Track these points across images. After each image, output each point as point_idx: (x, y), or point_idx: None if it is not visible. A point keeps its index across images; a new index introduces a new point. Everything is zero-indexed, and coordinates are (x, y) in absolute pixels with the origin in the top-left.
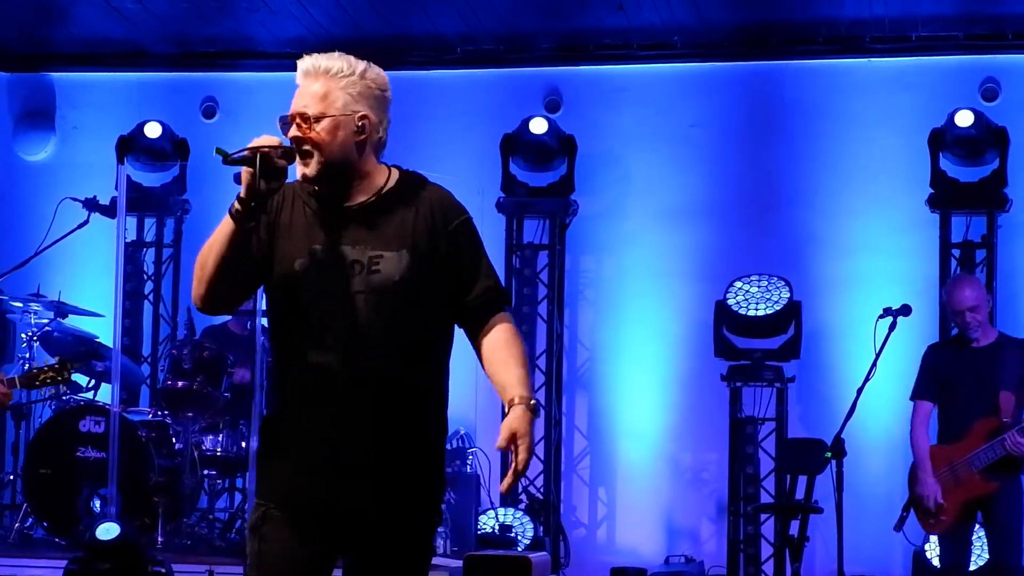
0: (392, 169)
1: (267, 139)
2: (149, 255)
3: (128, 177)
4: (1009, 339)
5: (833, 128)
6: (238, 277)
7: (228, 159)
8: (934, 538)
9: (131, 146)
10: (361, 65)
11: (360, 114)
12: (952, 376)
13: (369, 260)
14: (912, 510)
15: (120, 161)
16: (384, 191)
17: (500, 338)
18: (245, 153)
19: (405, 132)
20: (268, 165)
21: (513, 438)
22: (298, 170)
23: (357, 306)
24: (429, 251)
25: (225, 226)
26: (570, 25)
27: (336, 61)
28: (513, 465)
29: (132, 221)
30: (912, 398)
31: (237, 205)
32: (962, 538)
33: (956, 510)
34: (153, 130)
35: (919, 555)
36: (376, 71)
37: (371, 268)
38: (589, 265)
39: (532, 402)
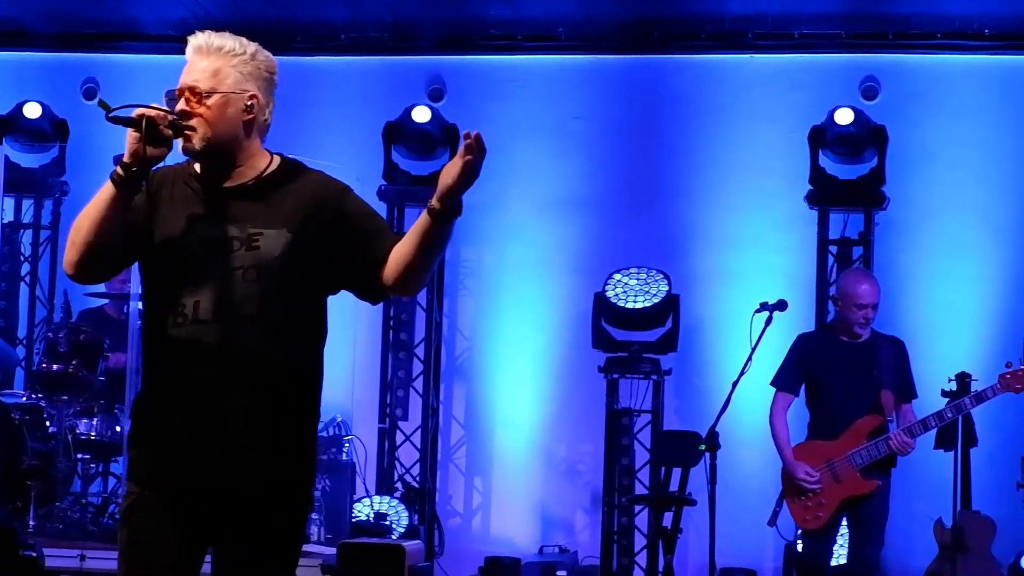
0: (274, 155)
1: (156, 107)
2: (26, 236)
3: (6, 157)
4: (882, 335)
5: (715, 123)
6: (112, 245)
7: (111, 113)
8: None
9: (10, 126)
10: (252, 46)
11: (249, 94)
12: (826, 370)
13: (249, 237)
14: (786, 504)
15: None
16: (266, 174)
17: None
18: (132, 115)
19: (288, 118)
20: (154, 132)
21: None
22: (182, 144)
23: (235, 282)
24: (310, 231)
25: (105, 191)
26: (456, 15)
27: (228, 40)
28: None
29: (10, 202)
30: (774, 385)
31: (119, 170)
32: (830, 533)
33: (833, 507)
34: (32, 110)
35: (790, 548)
36: (266, 54)
37: (251, 244)
38: (470, 255)
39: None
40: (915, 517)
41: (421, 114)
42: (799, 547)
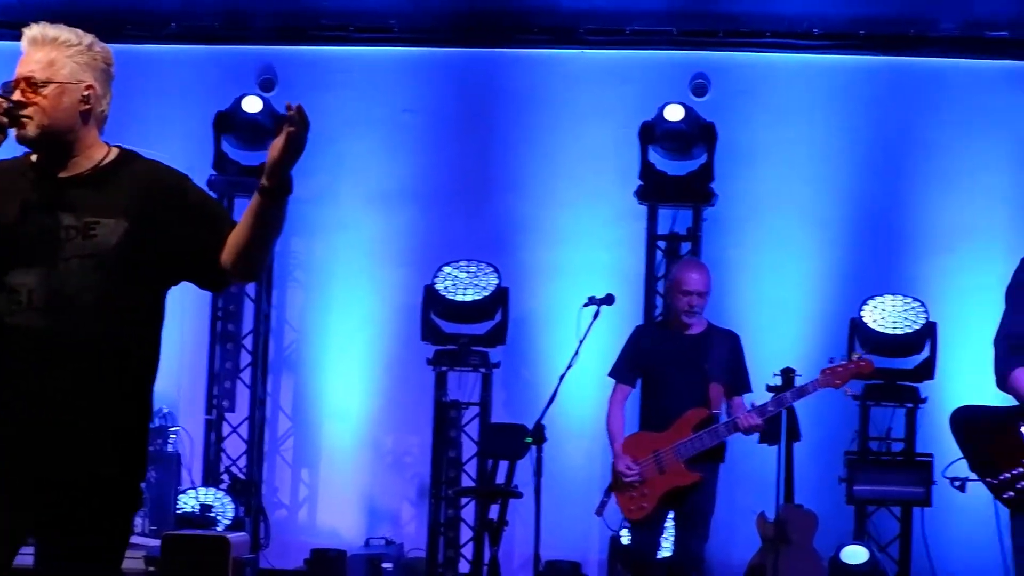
0: (112, 147)
1: None
2: None
3: None
4: (717, 329)
5: (546, 118)
6: None
7: None
8: None
9: None
10: (88, 38)
11: (86, 84)
12: (660, 362)
13: (85, 225)
14: (613, 495)
15: None
16: (103, 164)
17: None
18: None
19: (118, 106)
20: None
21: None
22: (17, 133)
23: (71, 270)
24: (148, 220)
25: None
26: (288, 5)
27: (64, 31)
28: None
29: None
30: (611, 376)
31: None
32: (656, 525)
33: (657, 498)
34: None
35: (615, 540)
36: (103, 45)
37: (87, 233)
38: (299, 247)
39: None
40: (738, 510)
41: (252, 104)
42: (624, 539)
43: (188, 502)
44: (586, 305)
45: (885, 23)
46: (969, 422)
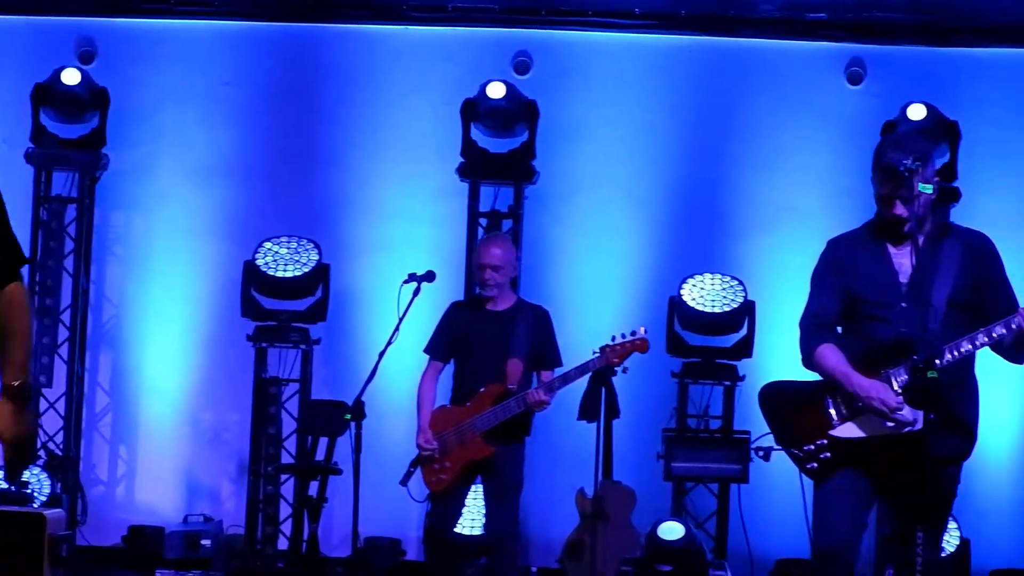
0: None
1: None
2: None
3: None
4: (526, 305)
5: (369, 94)
6: None
7: None
8: None
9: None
10: None
11: None
12: (467, 337)
13: None
14: (419, 467)
15: None
16: None
17: (15, 302)
18: None
19: None
20: None
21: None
22: None
23: None
24: None
25: None
26: None
27: None
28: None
29: None
30: (426, 352)
31: None
32: (456, 497)
33: (457, 470)
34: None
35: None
36: None
37: None
38: (119, 221)
39: (18, 384)
40: (557, 487)
41: (70, 76)
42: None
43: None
44: (406, 282)
45: (706, 4)
46: (776, 397)
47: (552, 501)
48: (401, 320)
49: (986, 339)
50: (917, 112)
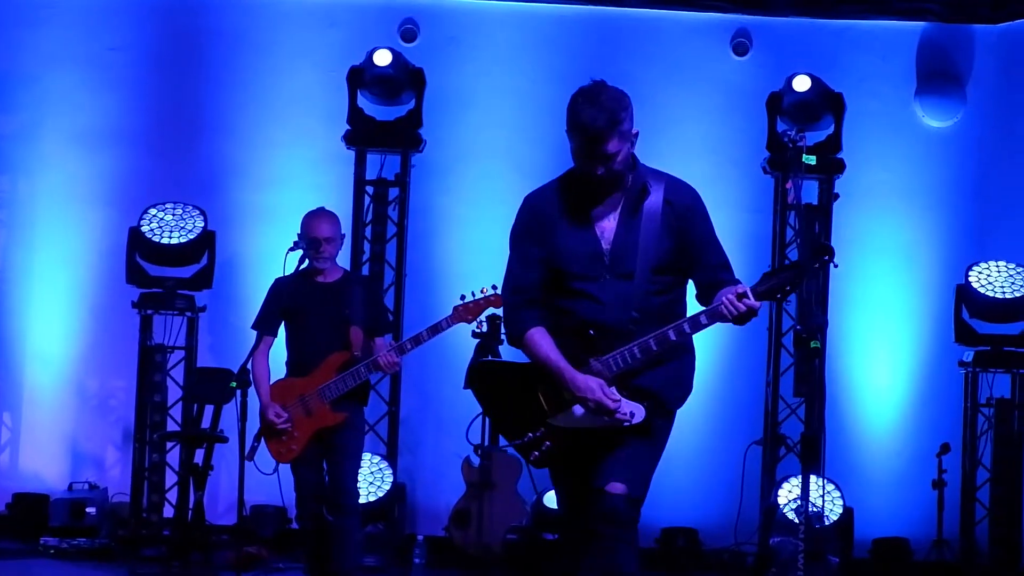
0: None
1: None
2: None
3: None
4: (355, 276)
5: (255, 60)
6: None
7: None
8: None
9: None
10: None
11: None
12: (299, 310)
13: None
14: (264, 440)
15: None
16: None
17: None
18: None
19: None
20: None
21: None
22: None
23: None
24: None
25: None
26: None
27: None
28: None
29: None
30: (254, 328)
31: None
32: (315, 465)
33: (305, 439)
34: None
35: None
36: None
37: None
38: (3, 185)
39: None
40: (444, 455)
41: None
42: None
43: None
44: (292, 249)
45: None
46: (490, 380)
47: (439, 469)
48: None
49: (690, 328)
50: (802, 83)
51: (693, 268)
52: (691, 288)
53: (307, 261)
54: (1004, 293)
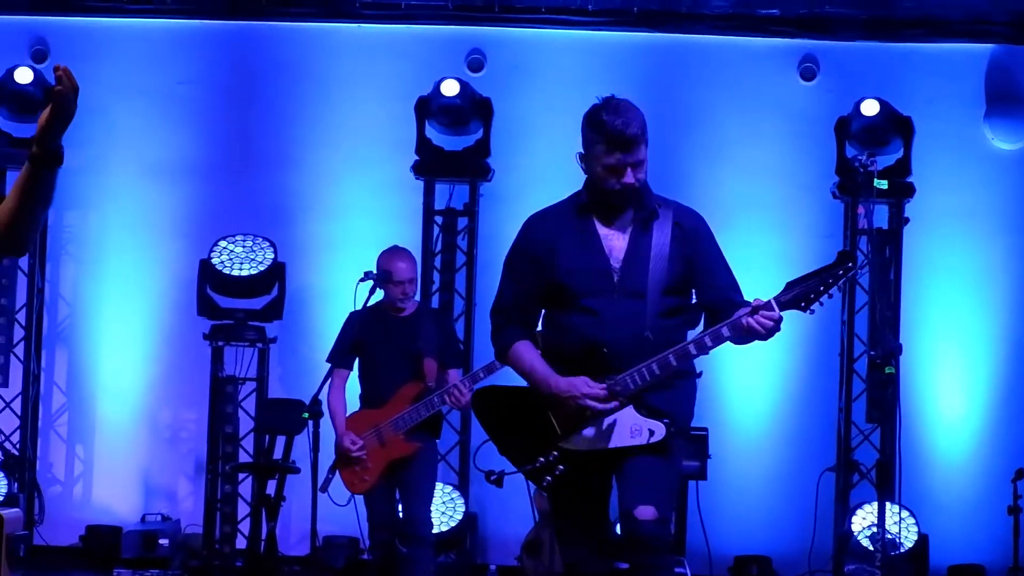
0: None
1: None
2: None
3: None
4: (427, 309)
5: (323, 92)
6: None
7: None
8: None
9: None
10: None
11: None
12: (373, 343)
13: None
14: (338, 471)
15: None
16: None
17: None
18: None
19: None
20: None
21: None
22: None
23: None
24: None
25: None
26: None
27: None
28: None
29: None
30: (329, 362)
31: None
32: (388, 496)
33: (379, 470)
34: None
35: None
36: None
37: None
38: (72, 220)
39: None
40: (516, 484)
41: (23, 75)
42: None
43: None
44: (363, 280)
45: (658, 1)
46: (496, 405)
47: (510, 498)
48: None
49: (711, 342)
50: (870, 107)
51: (703, 290)
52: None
53: (379, 293)
54: None
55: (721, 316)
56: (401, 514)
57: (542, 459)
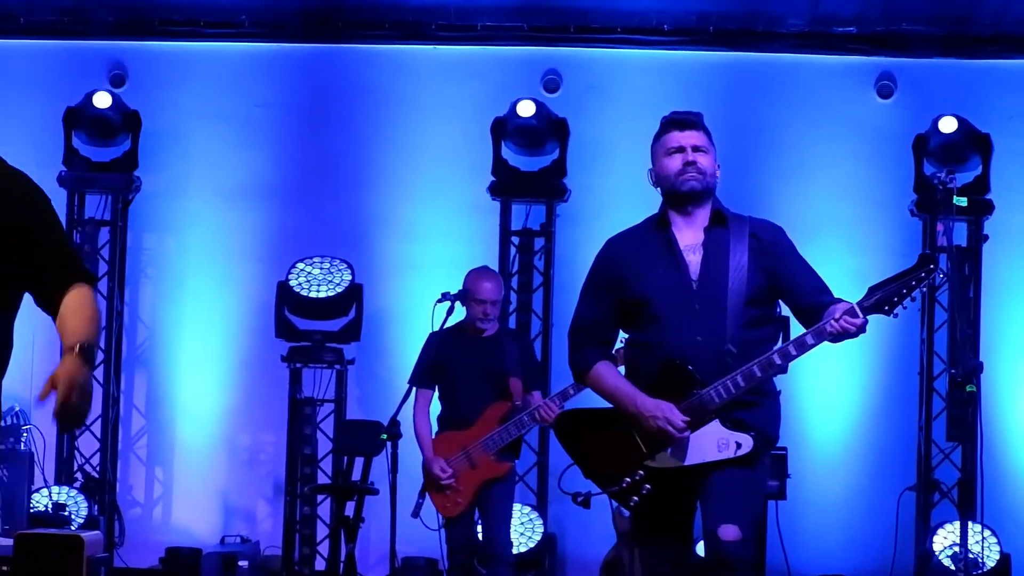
0: None
1: None
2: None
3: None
4: (507, 330)
5: (399, 114)
6: None
7: None
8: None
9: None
10: None
11: None
12: (455, 364)
13: None
14: (428, 496)
15: None
16: None
17: (80, 300)
18: None
19: None
20: None
21: (53, 382)
22: None
23: None
24: (11, 225)
25: None
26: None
27: None
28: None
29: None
30: (411, 384)
31: None
32: (469, 519)
33: (472, 492)
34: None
35: None
36: None
37: None
38: (151, 243)
39: (82, 343)
40: (594, 504)
41: (102, 100)
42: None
43: (41, 501)
44: (440, 301)
45: (734, 19)
46: (578, 429)
47: (589, 519)
48: None
49: (796, 351)
50: (948, 124)
51: (792, 297)
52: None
53: (460, 312)
54: None
55: (814, 320)
56: (481, 535)
57: (628, 479)
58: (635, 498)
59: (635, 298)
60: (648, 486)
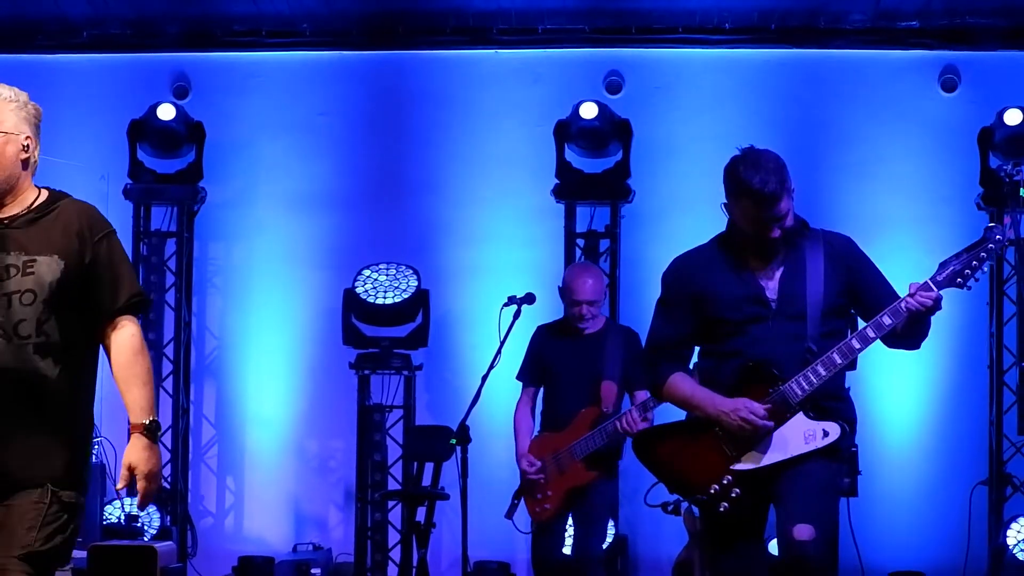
0: (41, 189)
1: None
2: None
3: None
4: (615, 326)
5: (460, 118)
6: None
7: None
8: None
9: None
10: (24, 95)
11: (26, 135)
12: (556, 362)
13: (24, 264)
14: (523, 498)
15: None
16: (35, 205)
17: (127, 354)
18: None
19: None
20: None
21: (130, 474)
22: None
23: (12, 306)
24: (78, 258)
25: None
26: (199, 11)
27: (4, 89)
28: (139, 496)
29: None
30: (519, 379)
31: None
32: (558, 526)
33: (560, 498)
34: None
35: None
36: (35, 103)
37: (26, 271)
38: (218, 253)
39: (148, 422)
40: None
41: (166, 112)
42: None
43: (114, 512)
44: (507, 305)
45: (796, 16)
46: (656, 446)
47: (660, 520)
48: (503, 343)
49: (874, 333)
50: (1014, 117)
51: (870, 307)
52: None
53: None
54: None
55: None
56: (572, 546)
57: (716, 486)
58: (724, 504)
59: (713, 316)
60: (737, 490)
